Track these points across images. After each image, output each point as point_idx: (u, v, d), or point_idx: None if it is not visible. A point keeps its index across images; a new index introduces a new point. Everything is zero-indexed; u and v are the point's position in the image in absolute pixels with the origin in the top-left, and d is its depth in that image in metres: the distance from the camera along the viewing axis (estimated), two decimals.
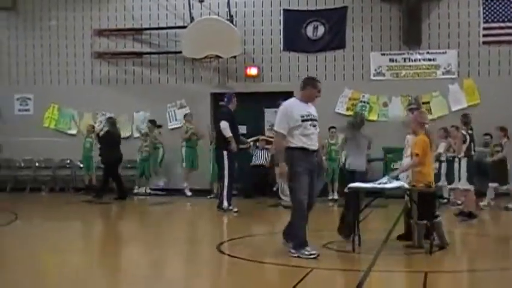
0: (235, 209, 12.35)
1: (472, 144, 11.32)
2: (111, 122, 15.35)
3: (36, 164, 17.38)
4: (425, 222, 7.97)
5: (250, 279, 6.80)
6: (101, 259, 8.29)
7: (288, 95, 16.27)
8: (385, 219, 10.05)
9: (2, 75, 17.82)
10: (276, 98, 16.43)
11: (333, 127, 14.64)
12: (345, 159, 9.91)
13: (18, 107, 17.68)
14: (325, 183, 15.47)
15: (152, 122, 16.28)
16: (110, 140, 14.98)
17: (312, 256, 7.35)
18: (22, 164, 17.39)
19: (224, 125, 12.32)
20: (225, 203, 12.33)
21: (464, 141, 11.17)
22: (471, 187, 11.23)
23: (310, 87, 7.83)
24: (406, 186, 8.05)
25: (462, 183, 11.29)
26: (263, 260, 7.52)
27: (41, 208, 14.52)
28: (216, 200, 13.11)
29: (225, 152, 12.37)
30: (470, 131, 11.37)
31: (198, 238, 10.28)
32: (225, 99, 12.94)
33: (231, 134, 12.30)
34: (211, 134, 14.97)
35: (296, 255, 7.45)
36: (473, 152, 11.33)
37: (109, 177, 14.98)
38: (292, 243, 7.59)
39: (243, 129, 15.81)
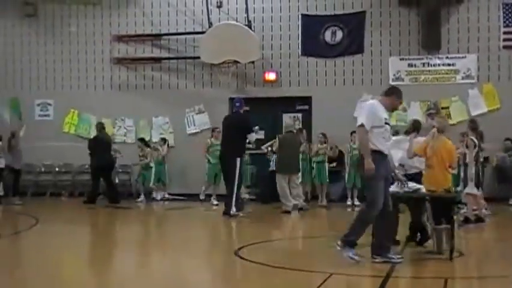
0: (242, 214, 12.46)
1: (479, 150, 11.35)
2: (99, 127, 15.53)
3: (56, 169, 17.55)
4: (443, 227, 7.93)
5: (269, 284, 6.79)
6: (118, 264, 8.33)
7: (306, 100, 16.46)
8: (403, 225, 9.97)
9: (23, 81, 18.03)
10: (294, 103, 16.67)
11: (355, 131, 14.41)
12: None
13: (39, 112, 17.87)
14: (343, 188, 15.47)
15: (141, 140, 16.37)
16: (98, 146, 15.05)
17: (353, 260, 7.29)
18: (42, 169, 17.56)
19: (250, 136, 12.64)
20: (234, 209, 12.28)
21: (474, 147, 11.17)
22: (477, 192, 11.19)
23: (395, 96, 7.68)
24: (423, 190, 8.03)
25: (468, 188, 11.25)
26: (282, 265, 7.50)
27: (61, 213, 14.65)
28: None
29: (238, 159, 12.30)
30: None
31: (215, 244, 10.29)
32: (237, 104, 13.06)
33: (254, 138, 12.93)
34: None
35: (343, 252, 7.35)
36: (481, 158, 11.39)
37: (98, 181, 15.14)
38: (342, 240, 7.39)
39: (260, 134, 15.80)
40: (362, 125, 7.33)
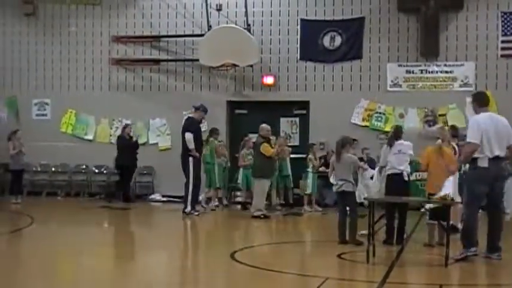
0: (197, 213, 13.14)
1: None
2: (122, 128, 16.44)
3: (53, 169, 17.52)
4: (435, 223, 8.76)
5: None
6: (110, 264, 8.31)
7: (303, 104, 16.48)
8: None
9: (21, 80, 18.00)
10: (291, 107, 16.68)
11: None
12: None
13: (36, 112, 17.83)
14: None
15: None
16: (119, 146, 16.08)
17: None
18: (39, 169, 17.53)
19: (188, 136, 13.27)
20: (188, 207, 13.07)
21: (454, 154, 11.10)
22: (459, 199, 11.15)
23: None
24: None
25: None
26: (278, 269, 7.51)
27: (57, 213, 14.63)
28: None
29: (190, 159, 13.13)
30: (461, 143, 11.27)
31: (210, 246, 10.28)
32: (193, 109, 13.93)
33: (193, 146, 13.24)
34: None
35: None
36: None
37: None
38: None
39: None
40: None
